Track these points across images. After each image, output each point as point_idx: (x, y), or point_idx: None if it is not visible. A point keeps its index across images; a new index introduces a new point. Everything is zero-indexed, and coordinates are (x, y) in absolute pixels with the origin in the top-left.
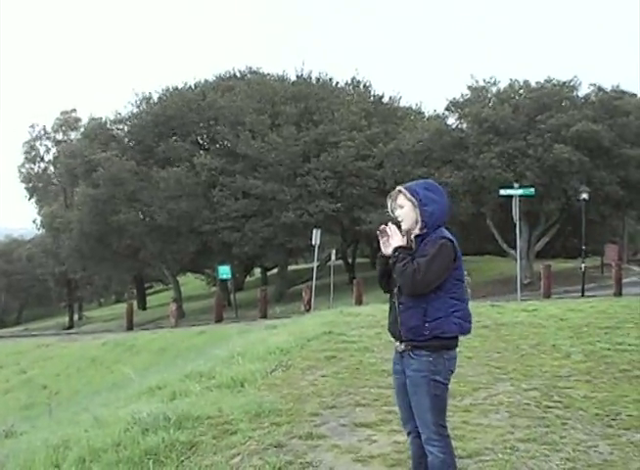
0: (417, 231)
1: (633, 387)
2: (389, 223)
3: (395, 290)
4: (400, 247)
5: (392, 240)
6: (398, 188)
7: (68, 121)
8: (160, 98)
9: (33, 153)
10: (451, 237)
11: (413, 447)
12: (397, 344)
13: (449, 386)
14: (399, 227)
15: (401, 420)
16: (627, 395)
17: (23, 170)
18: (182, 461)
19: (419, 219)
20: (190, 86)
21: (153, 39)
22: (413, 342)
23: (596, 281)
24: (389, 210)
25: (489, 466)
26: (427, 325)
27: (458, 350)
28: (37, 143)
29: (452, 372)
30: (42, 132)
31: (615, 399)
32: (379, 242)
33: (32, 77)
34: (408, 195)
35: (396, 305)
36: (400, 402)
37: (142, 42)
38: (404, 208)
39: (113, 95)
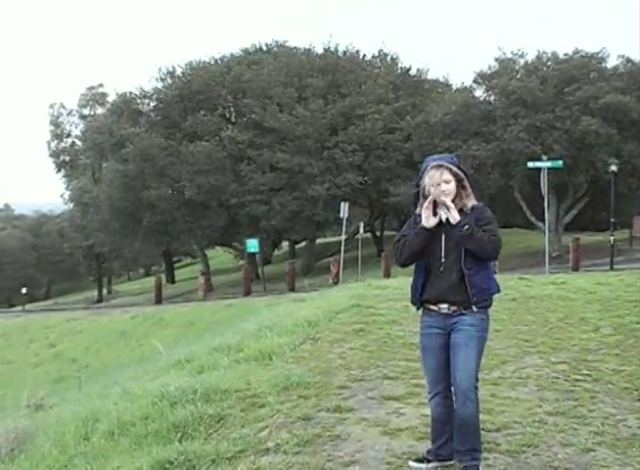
0: (474, 202)
1: None
2: (443, 198)
3: (450, 258)
4: (466, 221)
5: (454, 213)
6: (439, 163)
7: (94, 97)
8: (184, 72)
9: (59, 130)
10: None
11: (439, 408)
12: (444, 306)
13: None
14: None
15: (431, 382)
16: None
17: (52, 147)
18: (210, 434)
19: (469, 192)
20: (216, 60)
21: (179, 13)
22: (478, 303)
23: (625, 254)
24: (423, 184)
25: (518, 440)
26: (488, 285)
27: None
28: (61, 119)
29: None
30: (63, 110)
31: None
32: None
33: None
34: (454, 170)
35: (461, 269)
36: (434, 364)
37: (168, 16)
38: (450, 183)
39: (139, 69)
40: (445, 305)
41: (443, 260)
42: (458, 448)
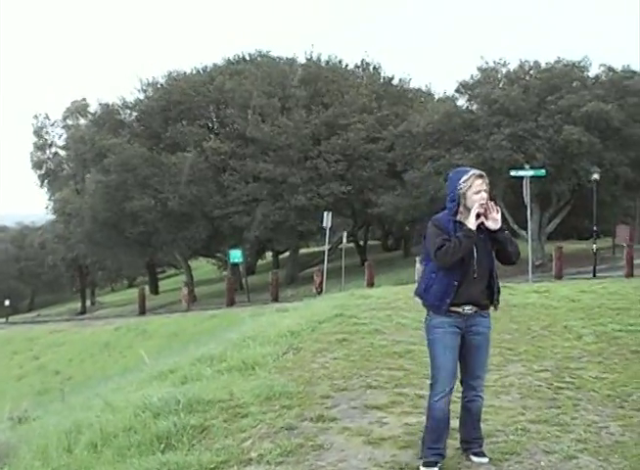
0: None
1: None
2: (490, 204)
3: (483, 265)
4: (503, 227)
5: (498, 218)
6: (481, 173)
7: (77, 108)
8: (165, 83)
9: (42, 141)
10: None
11: (447, 407)
12: (468, 308)
13: None
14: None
15: (445, 380)
16: (639, 376)
17: (35, 158)
18: (193, 445)
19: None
20: (198, 70)
21: (161, 26)
22: (493, 306)
23: (608, 262)
24: (461, 189)
25: (500, 448)
26: (497, 290)
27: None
28: (44, 131)
29: None
30: (47, 121)
31: (626, 381)
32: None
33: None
34: (487, 182)
35: (492, 276)
36: (452, 363)
37: (150, 28)
38: (487, 193)
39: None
40: (469, 307)
41: (476, 267)
42: (467, 439)
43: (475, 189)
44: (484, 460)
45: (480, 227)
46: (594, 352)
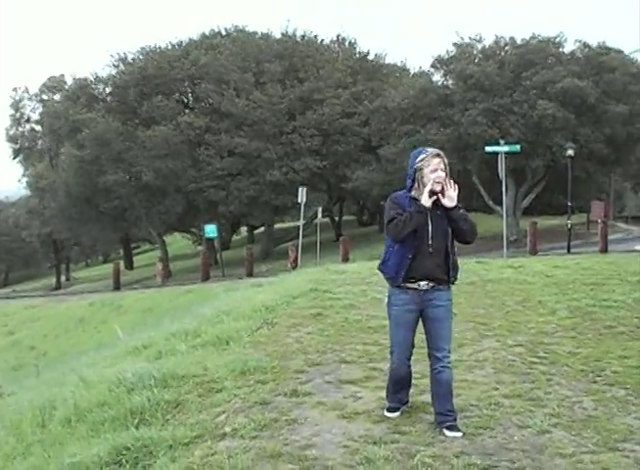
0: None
1: (618, 343)
2: (447, 181)
3: (438, 240)
4: (459, 205)
5: (454, 195)
6: (438, 151)
7: (54, 84)
8: (138, 58)
9: (18, 114)
10: None
11: (405, 369)
12: (424, 283)
13: None
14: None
15: (401, 351)
16: (612, 351)
17: (11, 132)
18: (167, 420)
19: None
20: (173, 45)
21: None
22: (450, 282)
23: (582, 238)
24: (443, 167)
25: (474, 422)
26: (458, 266)
27: None
28: (21, 104)
29: None
30: (25, 94)
31: (599, 356)
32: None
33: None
34: (446, 161)
35: (448, 252)
36: (407, 336)
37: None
38: (444, 171)
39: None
40: (425, 282)
41: (431, 242)
42: (439, 411)
43: (432, 167)
44: (458, 434)
45: (437, 204)
46: (568, 328)
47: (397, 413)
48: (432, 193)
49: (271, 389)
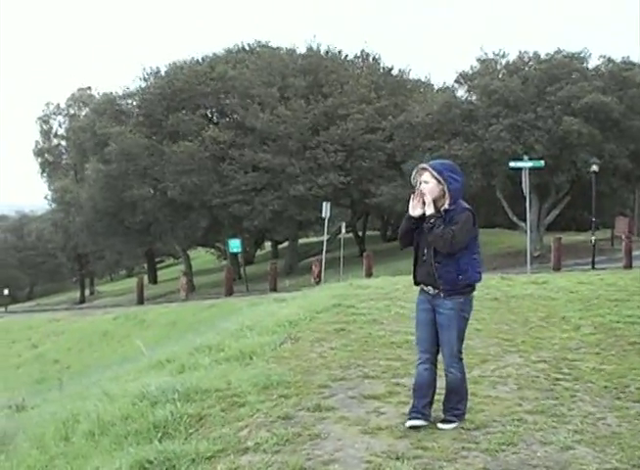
0: (447, 206)
1: None
2: (424, 191)
3: (428, 250)
4: (433, 215)
5: (428, 208)
6: (424, 166)
7: (81, 97)
8: (167, 72)
9: (47, 127)
10: (470, 208)
11: (426, 373)
12: (429, 288)
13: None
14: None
15: (420, 350)
16: (636, 367)
17: (39, 145)
18: (190, 434)
19: (446, 196)
20: (198, 60)
21: (165, 16)
22: (450, 290)
23: (606, 254)
24: (413, 180)
25: (497, 438)
26: (460, 277)
27: (468, 322)
28: (51, 118)
29: (472, 309)
30: (56, 109)
31: (623, 372)
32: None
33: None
34: (435, 173)
35: (432, 262)
36: (425, 335)
37: (154, 19)
38: (429, 183)
39: (126, 71)
40: (430, 288)
41: (425, 251)
42: (445, 405)
43: (414, 180)
44: (446, 426)
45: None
46: (592, 344)
47: (414, 422)
48: (422, 204)
49: (294, 403)
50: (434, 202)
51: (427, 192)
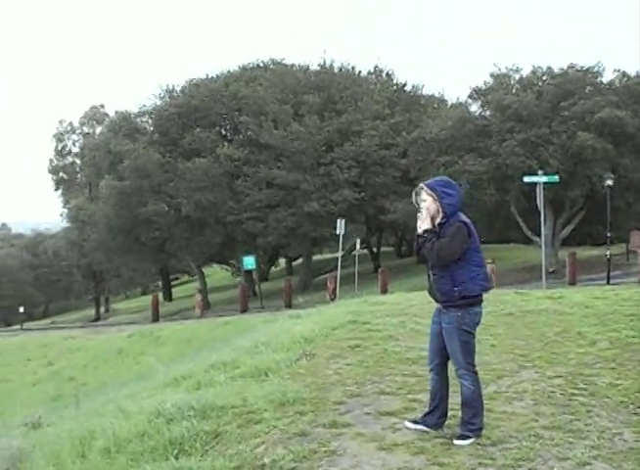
0: (439, 220)
1: None
2: (423, 210)
3: (429, 264)
4: (427, 230)
5: (422, 224)
6: (420, 185)
7: (95, 115)
8: (183, 90)
9: (61, 145)
10: (465, 219)
11: (434, 379)
12: (438, 303)
13: (475, 335)
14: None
15: (428, 359)
16: None
17: (54, 163)
18: (207, 451)
19: (440, 210)
20: (213, 77)
21: (178, 34)
22: (447, 302)
23: (621, 268)
24: (414, 202)
25: (513, 454)
26: (455, 289)
27: (483, 337)
28: (65, 136)
29: (478, 324)
30: (70, 127)
31: None
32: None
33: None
34: (429, 191)
35: (431, 274)
36: (431, 345)
37: (168, 37)
38: (427, 201)
39: (139, 89)
40: (439, 303)
41: (429, 266)
42: (462, 419)
43: (418, 200)
44: (461, 442)
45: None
46: (608, 359)
47: (412, 425)
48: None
49: (310, 420)
50: (434, 218)
51: (424, 209)
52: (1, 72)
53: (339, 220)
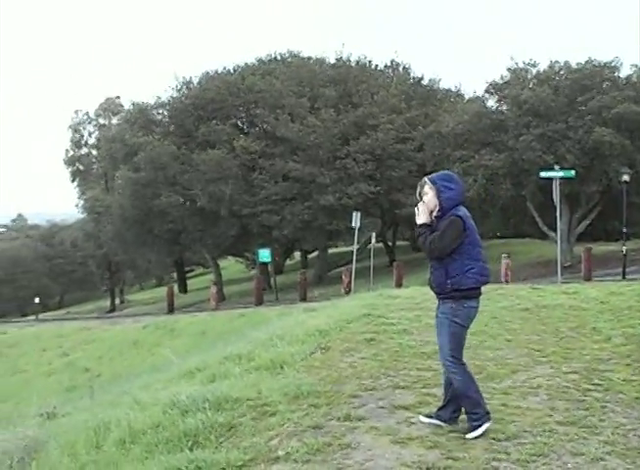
0: (435, 213)
1: None
2: (419, 204)
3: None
4: (423, 224)
5: (419, 218)
6: (424, 179)
7: (110, 107)
8: (199, 82)
9: (78, 136)
10: (461, 214)
11: (444, 377)
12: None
13: (467, 329)
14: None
15: (439, 353)
16: None
17: (70, 154)
18: (221, 443)
19: (437, 203)
20: (229, 70)
21: (196, 26)
22: (440, 294)
23: (637, 264)
24: (417, 195)
25: (528, 449)
26: (448, 281)
27: (498, 332)
28: (81, 127)
29: (472, 319)
30: (86, 117)
31: None
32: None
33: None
34: (430, 184)
35: (429, 267)
36: (438, 338)
37: (186, 29)
38: (429, 194)
39: (156, 81)
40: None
41: (429, 259)
42: (464, 411)
43: (421, 193)
44: (470, 434)
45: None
46: (623, 354)
47: (427, 420)
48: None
49: (324, 413)
50: (432, 211)
51: (425, 202)
52: (21, 65)
53: (354, 213)
